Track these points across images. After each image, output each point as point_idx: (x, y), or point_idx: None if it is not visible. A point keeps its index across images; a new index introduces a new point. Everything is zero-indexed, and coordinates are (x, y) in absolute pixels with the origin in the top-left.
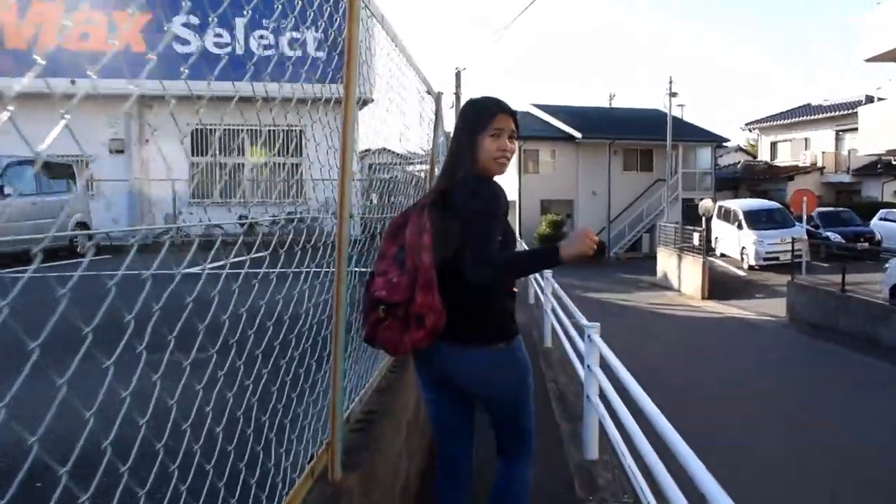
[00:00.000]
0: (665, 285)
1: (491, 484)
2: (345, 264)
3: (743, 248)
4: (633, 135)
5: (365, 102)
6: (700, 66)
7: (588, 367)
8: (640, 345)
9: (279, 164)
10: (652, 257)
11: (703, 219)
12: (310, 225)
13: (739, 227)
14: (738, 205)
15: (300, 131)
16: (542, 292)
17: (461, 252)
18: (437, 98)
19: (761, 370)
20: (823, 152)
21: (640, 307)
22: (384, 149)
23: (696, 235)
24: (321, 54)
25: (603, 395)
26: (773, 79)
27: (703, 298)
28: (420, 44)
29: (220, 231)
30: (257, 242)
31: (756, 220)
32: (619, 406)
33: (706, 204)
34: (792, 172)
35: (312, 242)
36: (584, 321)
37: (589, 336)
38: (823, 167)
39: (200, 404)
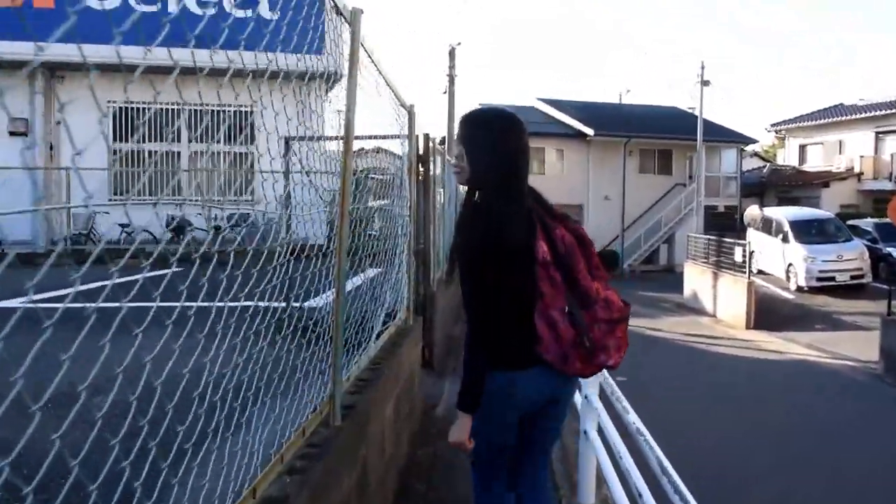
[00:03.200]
0: (696, 308)
1: None
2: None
3: (790, 265)
4: (651, 132)
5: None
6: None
7: (586, 397)
8: (680, 408)
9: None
10: (669, 270)
11: (748, 230)
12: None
13: (784, 239)
14: (783, 214)
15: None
16: None
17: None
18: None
19: (877, 461)
20: (861, 156)
21: (671, 340)
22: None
23: (737, 250)
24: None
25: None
26: (798, 78)
27: (747, 328)
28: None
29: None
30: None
31: (805, 232)
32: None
33: (752, 212)
34: (826, 178)
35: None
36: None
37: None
38: (861, 173)
39: None
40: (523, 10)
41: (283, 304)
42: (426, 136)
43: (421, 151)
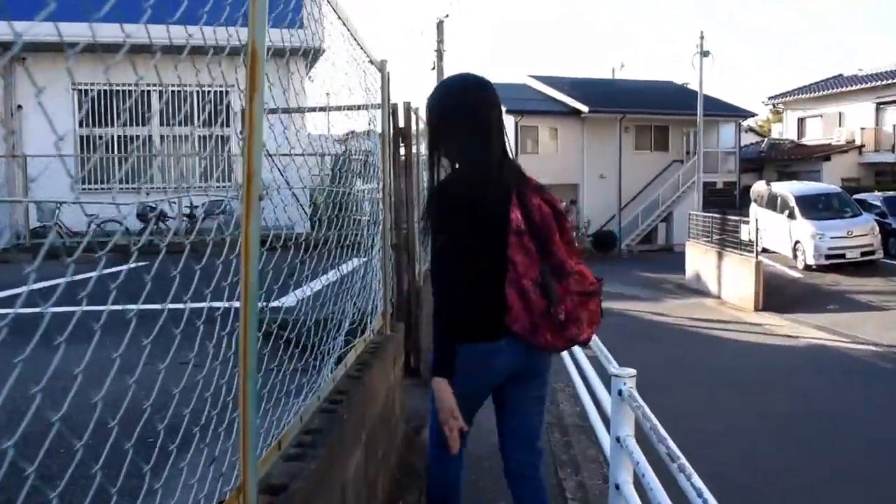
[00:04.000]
0: (699, 289)
1: None
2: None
3: (796, 242)
4: (647, 108)
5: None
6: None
7: (618, 439)
8: (704, 408)
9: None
10: (668, 249)
11: (751, 206)
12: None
13: (791, 216)
14: (788, 189)
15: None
16: None
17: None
18: (382, 68)
19: None
20: (863, 128)
21: (678, 325)
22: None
23: (744, 228)
24: None
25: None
26: (794, 48)
27: (756, 310)
28: None
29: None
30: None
31: (812, 207)
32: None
33: (759, 188)
34: (826, 151)
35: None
36: (611, 365)
37: (620, 391)
38: (862, 145)
39: None
40: (523, 10)
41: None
42: (406, 106)
43: (401, 123)
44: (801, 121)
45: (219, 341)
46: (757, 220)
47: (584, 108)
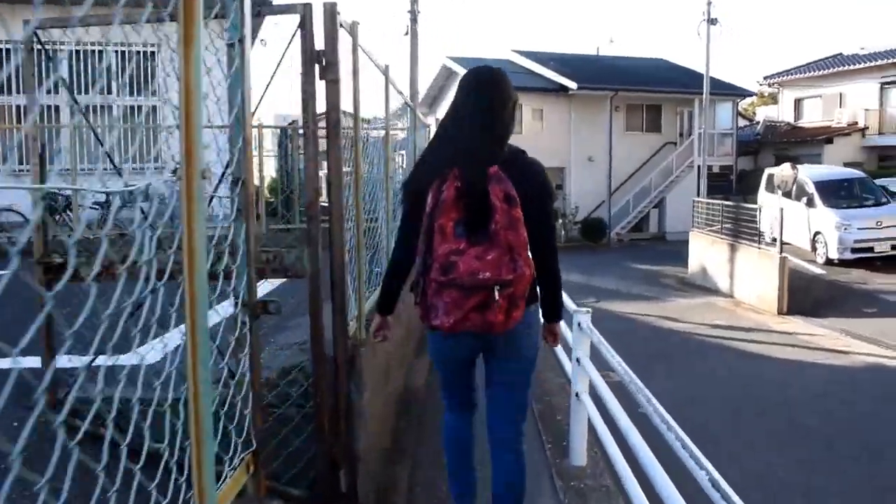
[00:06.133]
0: (705, 286)
1: (493, 478)
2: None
3: (816, 233)
4: (639, 85)
5: None
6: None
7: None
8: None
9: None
10: (660, 238)
11: (760, 192)
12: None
13: (810, 203)
14: (806, 173)
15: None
16: None
17: (532, 229)
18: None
19: None
20: (866, 110)
21: (694, 335)
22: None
23: (764, 218)
24: None
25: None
26: (787, 26)
27: (779, 313)
28: None
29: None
30: None
31: (833, 194)
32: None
33: (784, 172)
34: (828, 134)
35: None
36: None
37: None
38: (866, 127)
39: None
40: None
41: None
42: (331, 9)
43: (318, 43)
44: (798, 101)
45: None
46: (782, 210)
47: (573, 85)
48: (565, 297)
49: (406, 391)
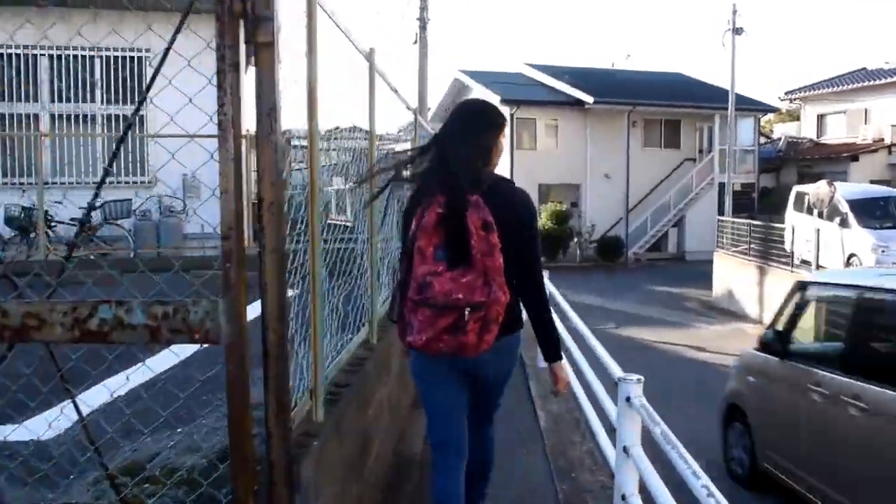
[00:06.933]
0: (731, 310)
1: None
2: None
3: (850, 256)
4: (657, 100)
5: None
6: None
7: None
8: None
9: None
10: (680, 258)
11: (787, 212)
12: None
13: (843, 224)
14: (838, 191)
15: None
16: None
17: (512, 256)
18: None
19: None
20: (893, 126)
21: (725, 368)
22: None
23: (796, 239)
24: None
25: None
26: (807, 41)
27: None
28: None
29: None
30: None
31: (868, 214)
32: None
33: (820, 190)
34: (853, 151)
35: None
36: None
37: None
38: (893, 144)
39: None
40: None
41: None
42: None
43: None
44: (820, 118)
45: None
46: (818, 231)
47: (589, 99)
48: (583, 328)
49: (399, 461)
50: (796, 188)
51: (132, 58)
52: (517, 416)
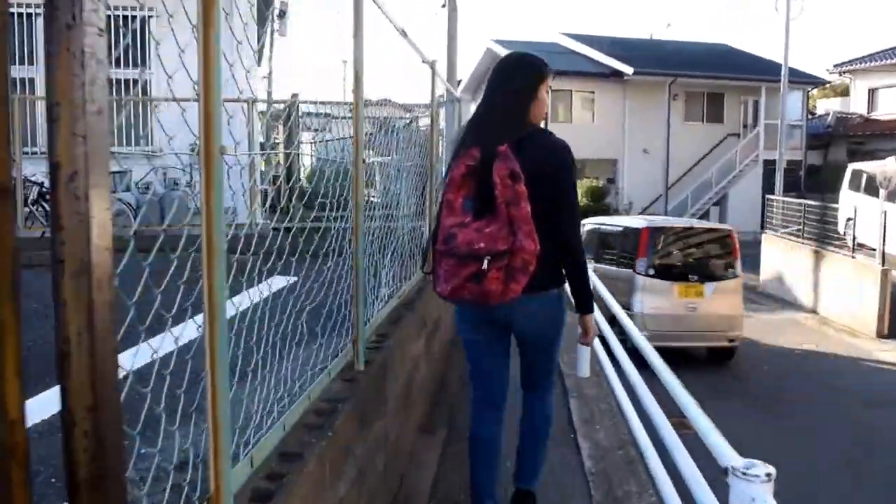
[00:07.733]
0: (782, 297)
1: (521, 417)
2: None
3: None
4: (700, 71)
5: None
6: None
7: None
8: None
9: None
10: None
11: (842, 191)
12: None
13: None
14: None
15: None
16: None
17: (547, 207)
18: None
19: None
20: None
21: (781, 362)
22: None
23: (856, 219)
24: None
25: None
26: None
27: (880, 336)
28: None
29: None
30: None
31: None
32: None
33: (888, 168)
34: None
35: None
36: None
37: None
38: None
39: None
40: None
41: None
42: None
43: None
44: (872, 92)
45: None
46: (885, 214)
47: (628, 70)
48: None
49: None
50: (852, 166)
51: (133, 17)
52: (553, 444)
